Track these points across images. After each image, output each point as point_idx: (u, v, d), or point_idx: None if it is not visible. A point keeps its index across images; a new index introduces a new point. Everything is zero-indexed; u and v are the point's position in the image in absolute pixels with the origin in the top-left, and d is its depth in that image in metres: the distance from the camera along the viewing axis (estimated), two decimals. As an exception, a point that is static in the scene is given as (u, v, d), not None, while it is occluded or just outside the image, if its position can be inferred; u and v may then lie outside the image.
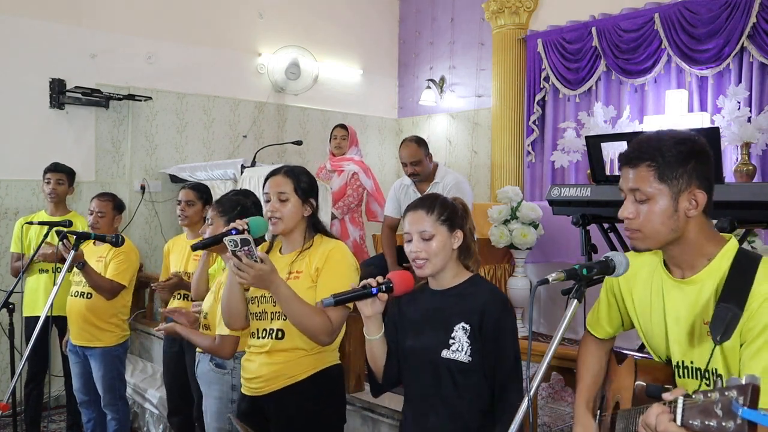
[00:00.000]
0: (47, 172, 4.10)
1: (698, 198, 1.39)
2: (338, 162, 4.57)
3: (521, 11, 5.76)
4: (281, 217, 2.12)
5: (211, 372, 2.55)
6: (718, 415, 0.96)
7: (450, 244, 1.83)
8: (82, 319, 3.43)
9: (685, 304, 1.44)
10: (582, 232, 2.88)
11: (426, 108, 6.69)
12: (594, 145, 2.89)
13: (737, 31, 4.46)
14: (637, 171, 1.41)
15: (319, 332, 2.04)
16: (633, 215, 1.43)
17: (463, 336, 1.77)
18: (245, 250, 1.94)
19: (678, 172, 1.38)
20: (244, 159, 4.66)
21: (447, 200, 1.88)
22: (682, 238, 1.41)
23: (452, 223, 1.83)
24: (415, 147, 3.76)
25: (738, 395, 0.94)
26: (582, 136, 4.51)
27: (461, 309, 1.80)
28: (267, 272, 1.96)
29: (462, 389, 1.77)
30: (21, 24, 4.76)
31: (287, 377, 2.11)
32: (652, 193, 1.39)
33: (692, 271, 1.43)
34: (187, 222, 3.28)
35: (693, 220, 1.40)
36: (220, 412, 2.49)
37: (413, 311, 1.90)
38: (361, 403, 3.13)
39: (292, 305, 2.02)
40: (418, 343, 1.84)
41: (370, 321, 1.82)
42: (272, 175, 2.19)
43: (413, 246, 1.81)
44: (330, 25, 6.43)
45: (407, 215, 1.86)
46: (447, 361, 1.77)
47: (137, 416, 4.37)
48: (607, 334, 1.70)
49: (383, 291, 1.75)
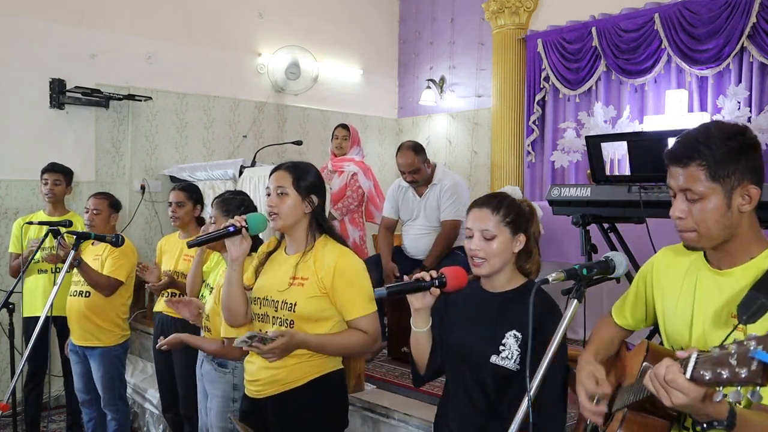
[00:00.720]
0: (44, 172, 4.10)
1: (751, 193, 1.36)
2: (339, 162, 4.57)
3: (521, 11, 5.76)
4: (279, 212, 2.09)
5: (213, 371, 2.56)
6: (731, 365, 0.95)
7: (511, 247, 1.80)
8: (82, 318, 3.44)
9: (716, 295, 1.42)
10: (582, 232, 2.87)
11: (426, 108, 6.69)
12: (594, 145, 2.89)
13: (737, 31, 4.46)
14: (687, 170, 1.36)
15: (361, 350, 2.09)
16: (685, 215, 1.38)
17: (514, 344, 1.75)
18: (256, 340, 1.94)
19: (730, 170, 1.34)
20: (244, 159, 4.67)
21: (515, 201, 1.83)
22: (735, 234, 1.38)
23: (516, 226, 1.80)
24: (412, 155, 3.72)
25: (757, 344, 0.93)
26: (582, 136, 4.51)
27: (513, 315, 1.77)
28: (289, 342, 1.97)
29: (505, 394, 1.76)
30: (21, 24, 4.76)
31: (284, 383, 2.09)
32: (704, 192, 1.35)
33: (731, 266, 1.41)
34: (178, 222, 3.32)
35: (746, 215, 1.38)
36: (223, 410, 2.50)
37: (461, 307, 1.88)
38: (361, 403, 3.13)
39: (328, 348, 2.05)
40: (465, 341, 1.82)
41: (419, 314, 1.81)
42: (275, 170, 2.17)
43: (473, 244, 1.78)
44: (330, 25, 6.43)
45: (471, 211, 1.83)
46: (495, 367, 1.75)
47: (137, 416, 4.37)
48: (627, 324, 1.68)
49: (436, 286, 1.73)
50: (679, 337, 1.51)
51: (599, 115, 4.94)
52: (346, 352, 2.07)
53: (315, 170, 2.21)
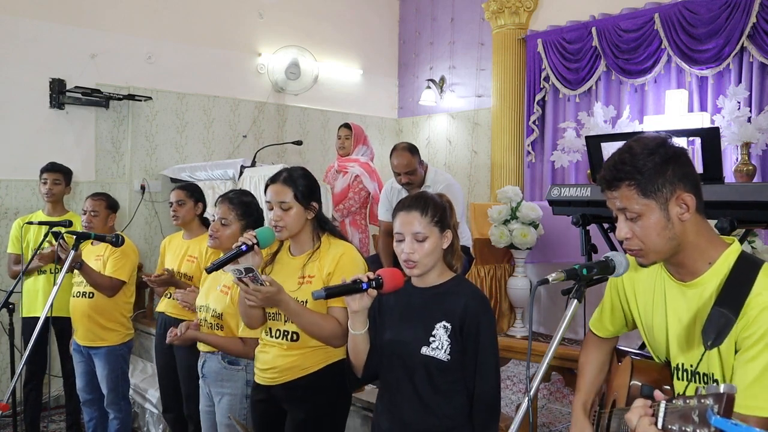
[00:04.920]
0: (44, 172, 4.10)
1: (687, 201, 1.37)
2: (344, 163, 4.55)
3: (521, 11, 5.75)
4: (285, 225, 2.18)
5: (223, 370, 2.55)
6: (695, 422, 0.97)
7: (441, 245, 1.85)
8: (87, 318, 3.44)
9: (686, 307, 1.43)
10: (582, 232, 2.87)
11: (426, 108, 6.69)
12: (594, 145, 2.88)
13: (737, 31, 4.46)
14: (620, 192, 1.40)
15: (331, 338, 2.11)
16: (630, 235, 1.41)
17: (444, 335, 1.79)
18: (250, 276, 2.00)
19: (659, 183, 1.36)
20: (244, 159, 4.66)
21: (437, 200, 1.90)
22: (683, 243, 1.40)
23: (443, 224, 1.85)
24: (408, 156, 3.70)
25: (714, 403, 0.94)
26: (582, 136, 4.51)
27: (443, 308, 1.82)
28: (274, 293, 2.03)
29: (438, 386, 1.80)
30: (21, 24, 4.76)
31: (301, 369, 2.18)
32: (640, 210, 1.38)
33: (694, 276, 1.42)
34: (180, 222, 3.30)
35: (688, 222, 1.38)
36: (234, 409, 2.50)
37: (393, 305, 1.92)
38: (361, 403, 3.13)
39: (303, 318, 2.10)
40: (397, 337, 1.86)
41: (357, 316, 1.85)
42: (272, 182, 2.23)
43: (406, 247, 1.83)
44: (330, 25, 6.43)
45: (399, 215, 1.87)
46: (426, 358, 1.79)
47: (137, 416, 4.37)
48: (609, 333, 1.70)
49: (373, 287, 1.77)
50: (661, 350, 1.53)
51: (599, 115, 4.94)
52: (316, 333, 2.11)
53: (308, 174, 2.28)
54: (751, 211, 2.28)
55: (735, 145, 4.23)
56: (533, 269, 4.44)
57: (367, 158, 4.57)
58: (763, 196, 2.27)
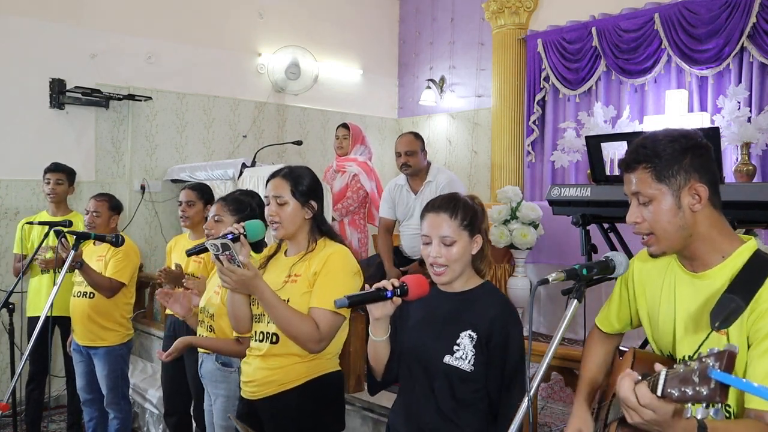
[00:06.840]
0: (47, 172, 4.10)
1: (699, 191, 1.38)
2: (342, 162, 4.55)
3: (521, 11, 5.76)
4: (281, 221, 2.10)
5: (217, 371, 2.55)
6: (694, 382, 0.97)
7: (470, 250, 1.76)
8: (86, 318, 3.44)
9: (695, 298, 1.43)
10: (582, 232, 2.87)
11: (426, 108, 6.69)
12: (594, 145, 2.88)
13: (737, 31, 4.46)
14: (636, 174, 1.42)
15: (306, 339, 2.00)
16: (640, 219, 1.42)
17: (469, 344, 1.71)
18: (226, 254, 1.95)
19: (674, 170, 1.38)
20: (244, 159, 4.65)
21: (469, 202, 1.78)
22: (695, 234, 1.40)
23: (473, 228, 1.75)
24: (411, 138, 3.81)
25: (715, 361, 0.94)
26: (582, 136, 4.51)
27: (470, 316, 1.73)
28: (249, 277, 1.96)
29: (458, 396, 1.72)
30: (21, 24, 4.76)
31: (279, 384, 2.07)
32: (652, 194, 1.39)
33: (706, 268, 1.42)
34: (188, 223, 3.26)
35: (700, 214, 1.39)
36: (227, 410, 2.49)
37: (417, 310, 1.83)
38: (361, 403, 3.13)
39: (277, 311, 2.00)
40: (420, 344, 1.78)
41: (379, 323, 1.74)
42: (272, 177, 2.16)
43: (433, 251, 1.73)
44: (330, 25, 6.43)
45: (427, 216, 1.77)
46: (448, 368, 1.71)
47: (137, 416, 4.37)
48: (614, 329, 1.70)
49: (398, 295, 1.66)
50: (665, 341, 1.52)
51: (599, 115, 4.94)
52: (292, 331, 2.00)
53: (311, 174, 2.20)
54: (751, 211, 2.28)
55: (735, 145, 4.24)
56: (533, 269, 4.44)
57: (365, 158, 4.56)
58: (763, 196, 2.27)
